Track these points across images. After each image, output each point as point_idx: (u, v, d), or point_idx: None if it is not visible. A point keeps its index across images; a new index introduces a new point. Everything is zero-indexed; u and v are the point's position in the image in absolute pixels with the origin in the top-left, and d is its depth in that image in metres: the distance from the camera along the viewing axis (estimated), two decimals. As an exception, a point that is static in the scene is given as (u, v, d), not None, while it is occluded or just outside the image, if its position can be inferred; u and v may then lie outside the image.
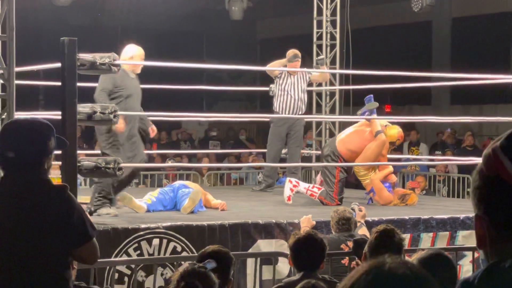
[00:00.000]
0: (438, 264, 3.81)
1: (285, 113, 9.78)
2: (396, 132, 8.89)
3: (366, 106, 8.95)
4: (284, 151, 10.36)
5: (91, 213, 6.61)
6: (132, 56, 7.77)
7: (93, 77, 7.03)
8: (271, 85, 10.61)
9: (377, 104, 8.99)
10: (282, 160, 10.45)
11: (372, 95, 9.08)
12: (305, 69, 10.17)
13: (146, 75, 9.64)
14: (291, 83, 9.85)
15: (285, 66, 9.73)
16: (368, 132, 8.74)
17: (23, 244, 3.31)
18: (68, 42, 6.48)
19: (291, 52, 9.91)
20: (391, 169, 8.90)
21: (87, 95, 6.97)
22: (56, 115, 6.85)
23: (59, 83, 6.70)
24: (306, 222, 6.80)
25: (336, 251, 5.95)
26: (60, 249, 3.33)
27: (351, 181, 10.32)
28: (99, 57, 6.65)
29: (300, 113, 9.86)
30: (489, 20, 16.86)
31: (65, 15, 15.14)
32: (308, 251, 4.53)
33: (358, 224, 6.75)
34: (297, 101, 9.82)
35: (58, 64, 6.61)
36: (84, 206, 6.35)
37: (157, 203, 7.77)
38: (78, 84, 6.55)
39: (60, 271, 3.36)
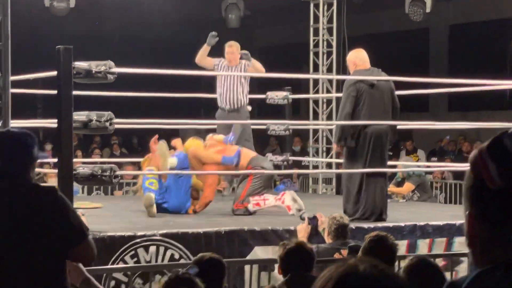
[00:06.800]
0: (423, 270, 3.84)
1: (224, 106, 9.43)
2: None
3: None
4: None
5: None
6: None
7: (89, 85, 7.05)
8: (268, 93, 10.56)
9: None
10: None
11: None
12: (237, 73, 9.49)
13: (143, 83, 9.65)
14: (229, 74, 9.36)
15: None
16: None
17: (19, 250, 3.32)
18: (64, 51, 6.49)
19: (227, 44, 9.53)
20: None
21: (84, 103, 6.97)
22: (53, 123, 6.86)
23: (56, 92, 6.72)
24: (302, 232, 6.77)
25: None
26: (58, 251, 3.35)
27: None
28: (95, 65, 6.65)
29: (240, 105, 9.42)
30: (486, 26, 16.89)
31: (62, 24, 15.17)
32: (297, 261, 4.51)
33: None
34: (235, 93, 9.39)
35: (55, 73, 6.62)
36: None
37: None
38: (75, 92, 6.57)
39: (58, 274, 3.38)
